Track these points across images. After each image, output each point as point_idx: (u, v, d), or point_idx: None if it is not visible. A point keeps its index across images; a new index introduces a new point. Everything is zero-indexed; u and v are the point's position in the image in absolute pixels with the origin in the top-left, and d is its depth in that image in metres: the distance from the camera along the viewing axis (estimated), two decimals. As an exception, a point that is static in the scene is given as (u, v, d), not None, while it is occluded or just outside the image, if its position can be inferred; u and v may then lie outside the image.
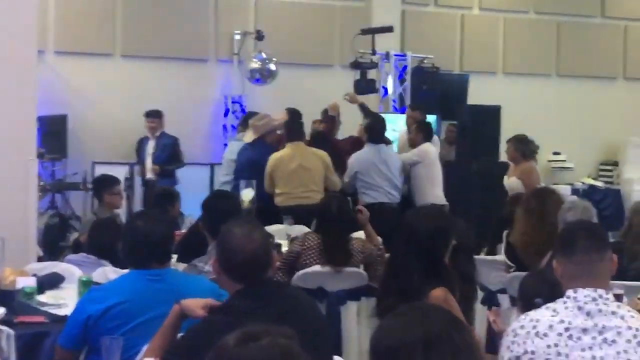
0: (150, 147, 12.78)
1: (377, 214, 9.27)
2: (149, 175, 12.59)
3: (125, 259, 4.51)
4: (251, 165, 10.00)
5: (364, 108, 11.43)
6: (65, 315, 4.78)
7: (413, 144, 10.87)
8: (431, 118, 12.95)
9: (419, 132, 10.72)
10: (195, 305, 3.75)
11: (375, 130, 10.36)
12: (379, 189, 10.13)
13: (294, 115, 10.83)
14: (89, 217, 8.95)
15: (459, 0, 16.25)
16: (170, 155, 12.71)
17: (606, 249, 3.68)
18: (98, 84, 13.92)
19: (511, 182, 10.36)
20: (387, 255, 5.93)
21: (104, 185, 8.91)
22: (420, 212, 5.26)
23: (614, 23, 17.30)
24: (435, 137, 11.63)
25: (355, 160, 10.23)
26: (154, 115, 12.85)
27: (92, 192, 9.11)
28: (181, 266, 5.80)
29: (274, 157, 9.87)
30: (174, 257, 5.78)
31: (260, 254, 3.64)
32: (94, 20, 13.92)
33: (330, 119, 11.59)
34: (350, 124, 11.94)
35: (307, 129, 11.50)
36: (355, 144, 10.91)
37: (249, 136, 10.57)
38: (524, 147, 10.44)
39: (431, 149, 10.57)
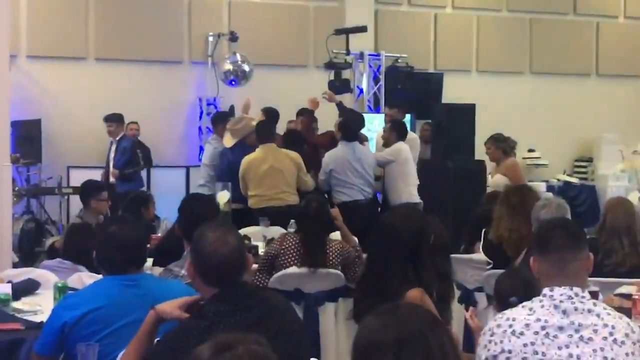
0: (112, 151, 12.68)
1: (352, 211, 9.32)
2: (112, 179, 12.48)
3: (100, 265, 4.48)
4: (233, 170, 10.01)
5: (341, 107, 11.43)
6: (41, 322, 4.75)
7: (387, 143, 10.88)
8: (406, 117, 12.98)
9: (393, 131, 10.73)
10: (171, 306, 3.73)
11: (349, 128, 10.36)
12: (354, 186, 10.15)
13: (269, 114, 10.83)
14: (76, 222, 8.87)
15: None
16: (129, 158, 12.53)
17: (582, 248, 3.69)
18: (72, 88, 13.87)
19: (497, 179, 10.42)
20: (364, 255, 5.92)
21: (91, 191, 8.81)
22: (398, 213, 5.24)
23: (586, 20, 17.39)
24: (414, 135, 11.61)
25: (329, 158, 10.24)
26: (112, 119, 12.72)
27: (80, 196, 9.02)
28: (157, 270, 5.78)
29: (246, 160, 9.88)
30: (149, 261, 5.76)
31: (234, 257, 3.62)
32: (67, 23, 13.86)
33: (309, 112, 11.58)
34: (328, 124, 11.92)
35: (283, 130, 11.50)
36: (333, 139, 10.93)
37: (227, 140, 10.59)
38: (504, 145, 10.57)
39: (404, 147, 10.58)
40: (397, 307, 2.69)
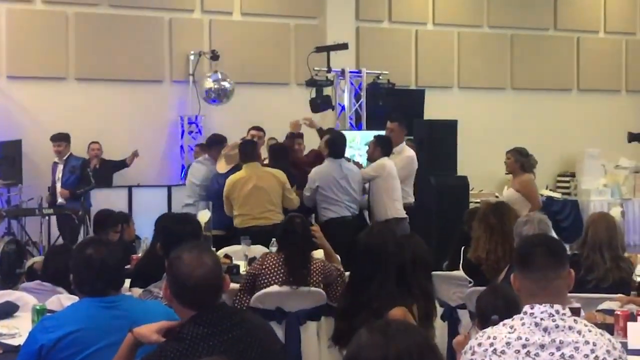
0: (59, 171, 12.54)
1: (339, 228, 9.33)
2: (60, 200, 12.39)
3: (78, 288, 4.42)
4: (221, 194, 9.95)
5: (322, 132, 11.43)
6: (19, 345, 4.69)
7: (371, 158, 10.86)
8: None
9: (377, 147, 10.70)
10: (149, 330, 3.69)
11: (336, 145, 10.35)
12: (340, 203, 10.13)
13: (247, 141, 10.73)
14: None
15: (413, 16, 16.33)
16: (79, 177, 12.30)
17: (564, 265, 3.67)
18: (52, 108, 13.83)
19: (509, 194, 9.97)
20: (347, 273, 5.90)
21: (109, 223, 8.65)
22: (374, 231, 5.22)
23: (567, 35, 17.48)
24: (412, 152, 11.36)
25: (315, 174, 10.21)
26: (59, 139, 12.52)
27: (95, 227, 8.95)
28: (136, 292, 5.73)
29: (230, 180, 9.85)
30: (127, 282, 5.72)
31: (210, 278, 3.59)
32: (47, 43, 13.82)
33: (290, 136, 11.59)
34: (311, 142, 11.92)
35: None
36: (317, 157, 10.91)
37: (221, 166, 10.52)
38: (524, 160, 10.14)
39: (388, 163, 10.54)
40: (388, 324, 2.68)
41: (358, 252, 5.06)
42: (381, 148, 10.63)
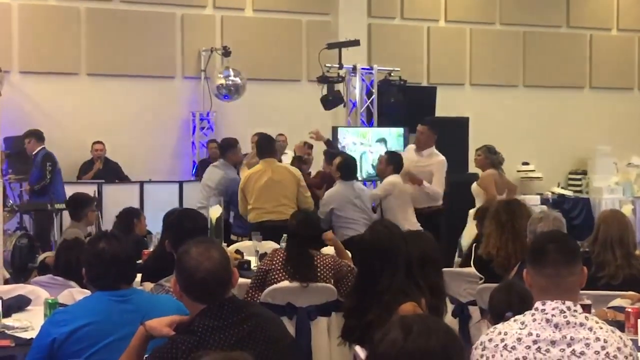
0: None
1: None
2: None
3: (90, 282, 4.44)
4: None
5: (330, 144, 11.44)
6: (31, 339, 4.71)
7: (382, 175, 10.80)
8: (399, 130, 12.97)
9: (389, 165, 10.59)
10: (160, 324, 3.70)
11: (348, 168, 10.31)
12: (357, 222, 10.06)
13: (264, 136, 10.76)
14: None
15: (425, 13, 16.31)
16: (39, 172, 12.31)
17: (577, 263, 3.66)
18: (64, 104, 13.87)
19: (473, 187, 10.73)
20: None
21: (86, 203, 9.15)
22: (379, 227, 5.23)
23: (580, 32, 17.43)
24: (442, 157, 11.27)
25: (329, 197, 10.14)
26: (27, 135, 12.58)
27: (73, 210, 9.17)
28: (148, 286, 5.75)
29: (246, 174, 9.89)
30: (138, 276, 5.74)
31: (218, 271, 3.60)
32: (59, 39, 13.85)
33: (296, 159, 11.69)
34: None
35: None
36: (324, 179, 10.94)
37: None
38: (493, 157, 10.72)
39: (397, 180, 10.46)
40: (423, 318, 2.71)
41: (365, 249, 5.07)
42: (393, 166, 10.53)
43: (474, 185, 10.77)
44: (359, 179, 10.94)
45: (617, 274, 6.24)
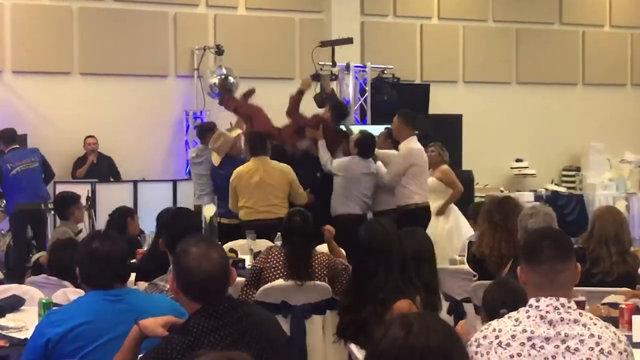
0: None
1: (352, 226, 9.25)
2: None
3: (84, 281, 4.43)
4: (227, 184, 10.05)
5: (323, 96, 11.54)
6: (26, 339, 4.72)
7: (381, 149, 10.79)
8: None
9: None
10: (155, 324, 3.70)
11: (366, 146, 10.34)
12: (354, 200, 10.15)
13: (256, 133, 10.75)
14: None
15: (418, 10, 16.31)
16: None
17: (571, 259, 3.66)
18: (57, 103, 13.83)
19: (432, 183, 10.87)
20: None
21: (73, 201, 9.23)
22: (381, 224, 5.23)
23: (572, 29, 17.44)
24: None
25: (340, 165, 10.27)
26: None
27: (61, 208, 9.21)
28: (142, 285, 5.75)
29: (237, 171, 9.92)
30: (132, 276, 5.73)
31: (218, 272, 3.61)
32: (52, 38, 13.82)
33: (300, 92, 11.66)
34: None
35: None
36: (320, 122, 10.92)
37: (215, 159, 10.68)
38: (444, 153, 11.20)
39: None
40: (423, 316, 2.73)
41: (361, 246, 5.07)
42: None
43: (434, 180, 10.92)
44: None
45: (611, 270, 6.26)
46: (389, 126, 11.21)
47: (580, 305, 4.23)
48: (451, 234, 10.66)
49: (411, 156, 10.22)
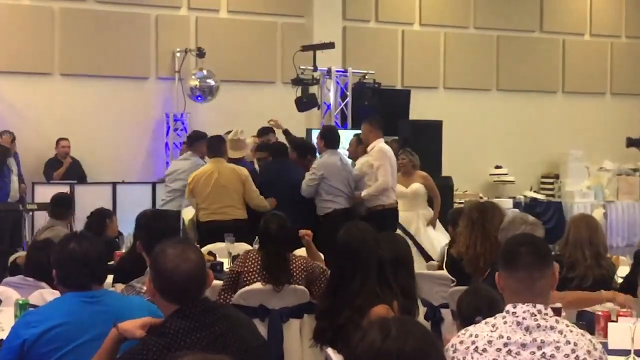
0: None
1: (343, 220, 9.21)
2: None
3: (61, 282, 4.41)
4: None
5: (288, 134, 11.35)
6: (1, 340, 4.68)
7: (354, 157, 10.89)
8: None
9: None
10: (133, 325, 3.69)
11: (331, 135, 10.47)
12: (340, 194, 10.15)
13: (215, 136, 10.71)
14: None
15: (399, 16, 16.35)
16: None
17: (549, 265, 3.68)
18: (37, 104, 13.79)
19: (417, 188, 11.12)
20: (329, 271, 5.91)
21: (70, 204, 9.46)
22: (359, 229, 5.22)
23: (553, 37, 17.53)
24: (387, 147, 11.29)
25: (319, 165, 10.19)
26: None
27: (57, 209, 9.15)
28: (119, 287, 5.73)
29: (194, 174, 10.07)
30: (109, 277, 5.71)
31: (195, 273, 3.60)
32: (33, 39, 13.78)
33: (262, 131, 11.63)
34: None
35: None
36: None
37: (233, 153, 10.76)
38: (414, 159, 11.28)
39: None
40: (401, 320, 2.71)
41: (338, 251, 5.06)
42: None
43: (418, 186, 11.10)
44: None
45: (587, 274, 6.28)
46: (358, 132, 11.25)
47: (557, 312, 4.24)
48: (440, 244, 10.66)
49: (386, 154, 10.33)
